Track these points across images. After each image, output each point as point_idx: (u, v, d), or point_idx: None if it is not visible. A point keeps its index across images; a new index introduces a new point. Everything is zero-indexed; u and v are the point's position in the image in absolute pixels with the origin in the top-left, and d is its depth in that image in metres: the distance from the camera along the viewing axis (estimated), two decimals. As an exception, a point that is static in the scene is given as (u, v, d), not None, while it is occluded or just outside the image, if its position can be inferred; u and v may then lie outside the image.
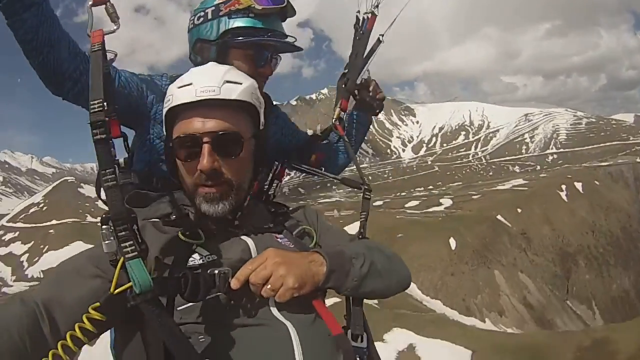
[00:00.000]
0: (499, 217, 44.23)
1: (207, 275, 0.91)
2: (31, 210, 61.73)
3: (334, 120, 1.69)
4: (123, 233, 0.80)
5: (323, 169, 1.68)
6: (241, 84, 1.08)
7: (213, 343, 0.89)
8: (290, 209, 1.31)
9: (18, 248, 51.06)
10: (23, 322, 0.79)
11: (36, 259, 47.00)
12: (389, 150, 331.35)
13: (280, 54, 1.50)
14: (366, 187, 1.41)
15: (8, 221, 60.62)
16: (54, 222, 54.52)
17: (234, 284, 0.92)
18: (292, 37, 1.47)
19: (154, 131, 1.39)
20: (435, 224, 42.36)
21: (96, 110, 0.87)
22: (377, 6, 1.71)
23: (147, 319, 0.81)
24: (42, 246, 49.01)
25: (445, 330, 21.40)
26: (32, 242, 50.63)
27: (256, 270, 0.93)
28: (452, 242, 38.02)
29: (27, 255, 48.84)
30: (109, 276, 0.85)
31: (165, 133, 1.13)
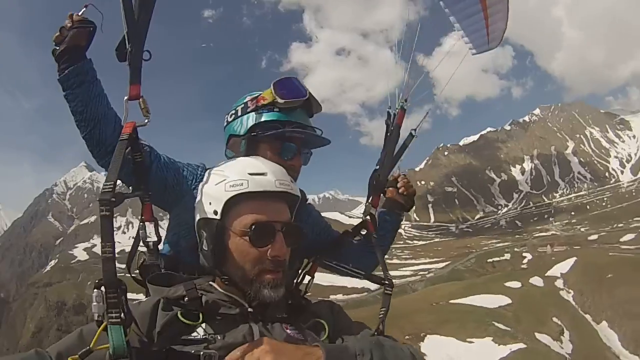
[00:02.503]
0: None
1: (191, 354, 0.94)
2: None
3: (364, 216, 1.68)
4: (112, 300, 0.89)
5: (351, 264, 1.67)
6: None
7: None
8: (312, 302, 1.30)
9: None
10: None
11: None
12: (607, 174, 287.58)
13: (310, 148, 1.56)
14: (387, 283, 1.39)
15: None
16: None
17: None
18: (318, 129, 1.53)
19: (186, 217, 1.38)
20: (648, 262, 36.46)
21: (106, 190, 0.99)
22: (405, 100, 1.79)
23: None
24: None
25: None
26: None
27: (244, 357, 0.92)
28: (664, 284, 31.78)
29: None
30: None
31: (216, 217, 1.11)
